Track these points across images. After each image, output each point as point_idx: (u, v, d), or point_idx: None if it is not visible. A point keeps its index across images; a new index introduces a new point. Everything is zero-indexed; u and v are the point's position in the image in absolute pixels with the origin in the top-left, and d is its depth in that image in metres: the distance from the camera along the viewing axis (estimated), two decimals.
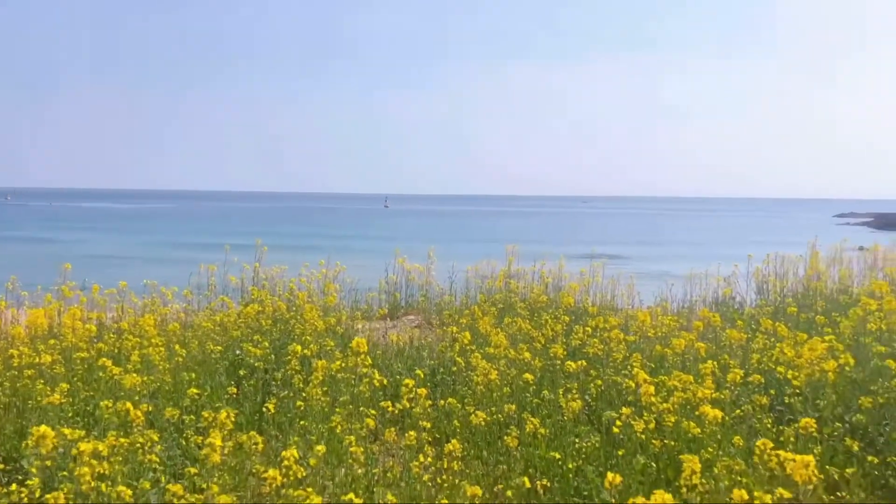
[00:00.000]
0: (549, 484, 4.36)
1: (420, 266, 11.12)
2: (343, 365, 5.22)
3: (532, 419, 4.86)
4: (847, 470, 4.71)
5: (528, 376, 5.39)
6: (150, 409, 4.76)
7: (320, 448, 3.77)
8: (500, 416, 5.19)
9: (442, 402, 5.50)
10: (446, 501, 3.86)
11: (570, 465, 4.60)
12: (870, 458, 5.23)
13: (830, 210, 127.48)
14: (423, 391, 4.50)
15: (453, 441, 4.17)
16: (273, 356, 6.33)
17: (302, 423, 4.86)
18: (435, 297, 10.54)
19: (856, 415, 5.50)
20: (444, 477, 4.12)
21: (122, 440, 3.60)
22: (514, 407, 5.08)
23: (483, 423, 4.80)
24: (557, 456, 4.57)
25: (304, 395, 5.07)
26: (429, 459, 4.06)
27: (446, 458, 4.26)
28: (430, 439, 4.56)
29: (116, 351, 6.33)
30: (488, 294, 9.84)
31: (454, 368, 6.14)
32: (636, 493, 4.47)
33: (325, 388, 4.96)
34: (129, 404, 3.99)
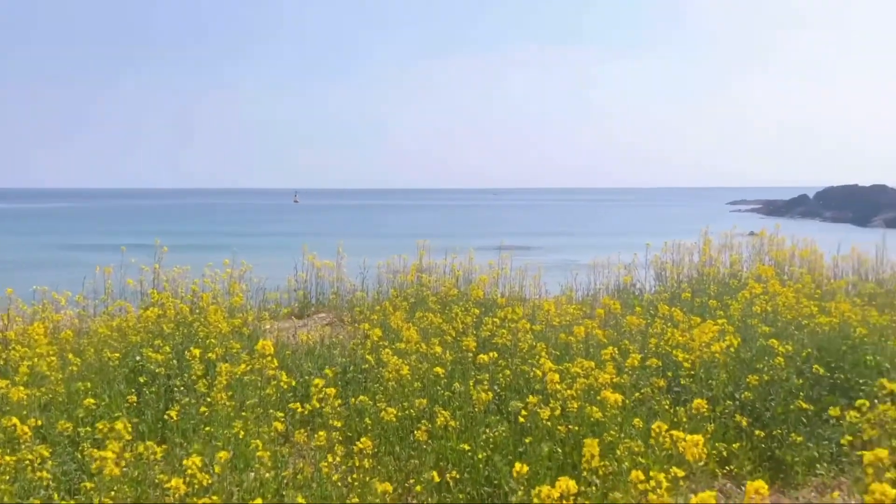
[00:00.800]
0: (459, 475, 4.43)
1: (330, 262, 11.00)
2: (249, 367, 5.11)
3: (443, 412, 4.93)
4: (734, 445, 5.01)
5: (438, 370, 5.44)
6: (41, 422, 4.50)
7: (223, 454, 3.68)
8: (411, 410, 5.23)
9: (354, 399, 5.48)
10: (357, 500, 3.85)
11: (480, 456, 4.69)
12: (757, 431, 5.61)
13: (725, 198, 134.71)
14: (332, 390, 4.47)
15: (363, 439, 4.17)
16: (175, 361, 6.11)
17: (207, 429, 4.72)
18: (346, 294, 10.46)
19: (744, 392, 5.87)
20: (356, 475, 4.12)
21: (8, 458, 3.39)
22: (425, 401, 5.12)
23: (394, 419, 4.82)
24: (467, 447, 4.64)
25: (208, 399, 4.93)
26: (338, 459, 4.04)
27: (357, 456, 4.26)
28: (341, 438, 4.54)
29: (2, 363, 5.95)
30: (400, 289, 9.85)
31: (364, 366, 6.12)
32: (543, 479, 4.63)
33: (230, 393, 4.84)
34: (14, 419, 3.76)
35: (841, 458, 5.41)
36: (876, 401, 4.98)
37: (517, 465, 3.24)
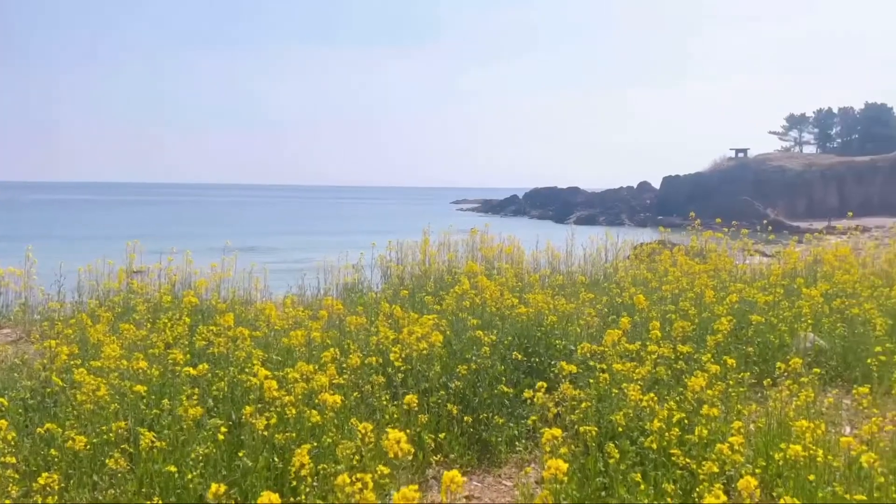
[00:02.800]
0: (162, 501, 4.10)
1: (17, 269, 9.51)
2: None
3: (146, 433, 4.52)
4: (441, 434, 5.34)
5: (139, 388, 4.99)
6: None
7: None
8: (110, 435, 4.72)
9: (40, 429, 4.80)
10: None
11: (190, 476, 4.39)
12: (466, 417, 6.06)
13: (451, 197, 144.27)
14: (2, 422, 3.84)
15: (45, 474, 3.65)
16: None
17: None
18: (38, 305, 9.13)
19: (455, 381, 6.30)
20: None
21: None
22: (123, 424, 4.65)
23: (85, 447, 4.30)
24: (173, 469, 4.31)
25: None
26: (9, 501, 3.49)
27: (38, 494, 3.73)
28: (16, 476, 3.93)
29: None
30: (105, 297, 8.88)
31: (48, 390, 5.39)
32: (261, 491, 4.49)
33: None
34: None
35: (536, 435, 6.07)
36: (560, 381, 5.67)
37: (213, 486, 3.07)
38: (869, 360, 6.46)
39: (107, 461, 4.23)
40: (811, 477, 4.05)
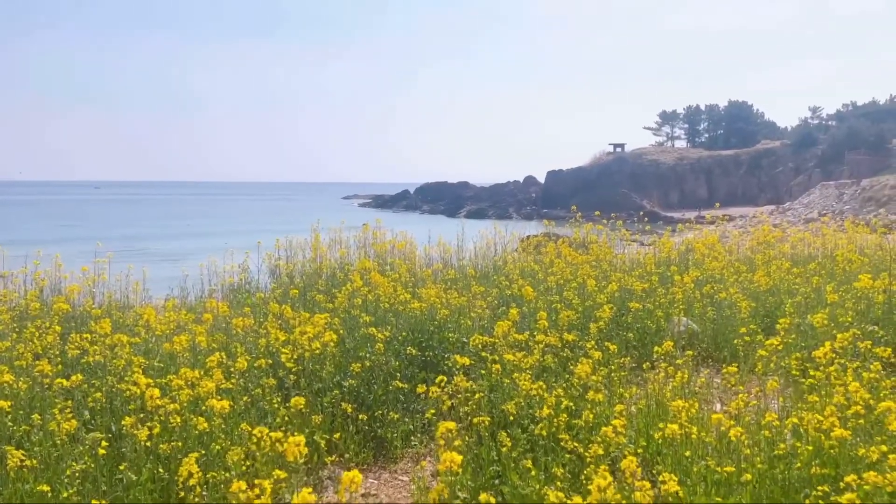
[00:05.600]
0: None
1: None
2: None
3: (14, 452, 4.19)
4: (336, 435, 5.29)
5: (3, 403, 4.61)
6: None
7: None
8: None
9: None
10: None
11: (65, 494, 4.11)
12: (361, 415, 6.02)
13: (341, 192, 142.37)
14: None
15: None
16: None
17: None
18: None
19: (349, 380, 6.25)
20: None
21: None
22: None
23: None
24: (46, 488, 4.02)
25: None
26: None
27: None
28: None
29: None
30: None
31: None
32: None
33: None
34: None
35: (431, 428, 6.13)
36: (453, 373, 5.75)
37: (94, 501, 2.89)
38: (735, 341, 6.98)
39: None
40: (687, 453, 4.33)
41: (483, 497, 3.12)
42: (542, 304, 7.96)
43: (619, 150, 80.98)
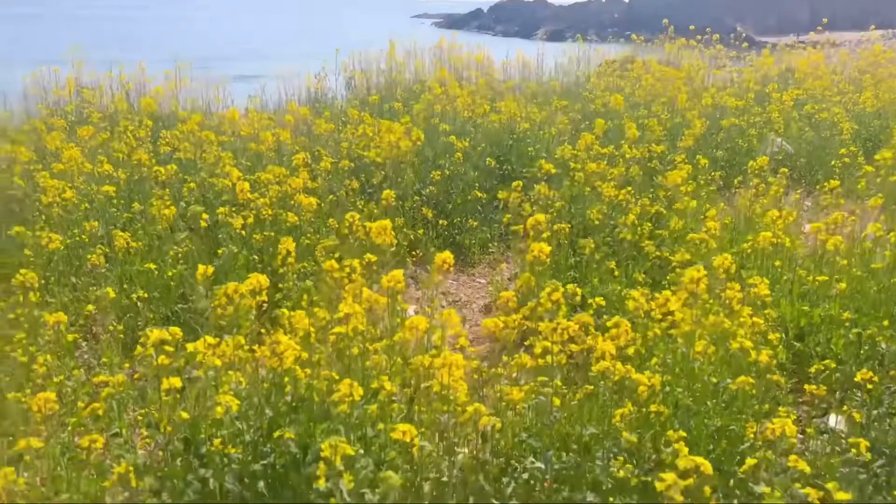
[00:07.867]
0: (147, 295, 4.14)
1: None
2: None
3: (121, 234, 4.46)
4: (419, 231, 5.39)
5: (108, 188, 4.84)
6: None
7: None
8: (83, 236, 4.65)
9: (9, 232, 4.70)
10: (24, 335, 3.40)
11: (169, 273, 4.41)
12: (441, 221, 6.13)
13: (409, 12, 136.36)
14: None
15: (22, 271, 3.60)
16: None
17: None
18: None
19: (429, 187, 6.29)
20: (19, 311, 3.61)
21: None
22: (96, 224, 4.57)
23: (62, 247, 4.24)
24: (153, 266, 4.31)
25: None
26: None
27: (20, 293, 3.71)
28: None
29: None
30: (56, 107, 8.40)
31: (12, 192, 5.21)
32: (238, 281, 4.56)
33: None
34: None
35: (508, 237, 6.20)
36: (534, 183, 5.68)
37: (200, 268, 3.06)
38: (833, 162, 6.59)
39: (88, 257, 4.18)
40: (777, 262, 4.24)
41: (570, 287, 3.15)
42: (628, 118, 7.63)
43: None
